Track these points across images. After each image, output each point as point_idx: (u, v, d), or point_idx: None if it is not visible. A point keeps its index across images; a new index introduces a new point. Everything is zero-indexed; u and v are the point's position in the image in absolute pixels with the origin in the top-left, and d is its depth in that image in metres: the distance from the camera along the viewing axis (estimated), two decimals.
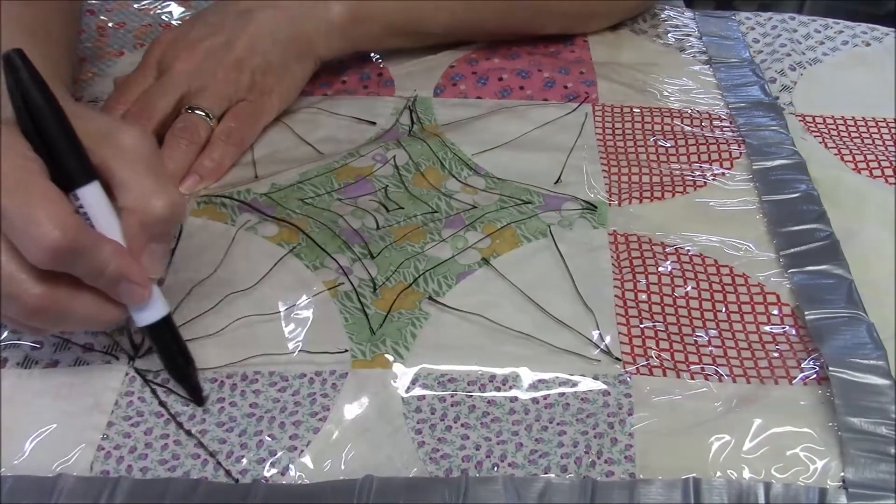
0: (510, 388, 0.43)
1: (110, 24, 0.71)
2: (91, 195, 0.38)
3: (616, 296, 0.48)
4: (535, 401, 0.42)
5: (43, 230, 0.35)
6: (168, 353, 0.42)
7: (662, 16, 0.73)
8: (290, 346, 0.44)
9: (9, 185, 0.35)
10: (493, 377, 0.43)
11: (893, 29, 0.71)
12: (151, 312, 0.40)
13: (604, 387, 0.43)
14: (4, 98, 0.37)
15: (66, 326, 0.41)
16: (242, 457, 0.40)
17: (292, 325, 0.45)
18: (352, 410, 0.42)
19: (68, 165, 0.37)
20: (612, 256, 0.50)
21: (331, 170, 0.55)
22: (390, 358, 0.44)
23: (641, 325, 0.46)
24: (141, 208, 0.38)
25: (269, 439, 0.40)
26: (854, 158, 0.58)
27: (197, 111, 0.55)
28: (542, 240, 0.51)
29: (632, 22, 0.72)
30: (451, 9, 0.64)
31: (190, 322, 0.45)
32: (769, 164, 0.56)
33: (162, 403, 0.42)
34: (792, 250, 0.50)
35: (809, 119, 0.62)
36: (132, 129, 0.39)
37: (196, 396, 0.42)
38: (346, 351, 0.44)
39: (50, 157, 0.37)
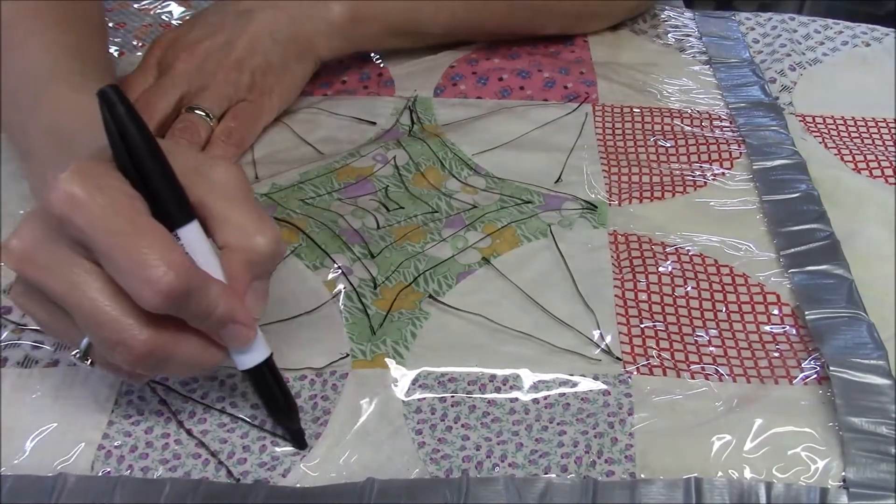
0: (510, 388, 0.43)
1: (110, 24, 0.71)
2: (192, 234, 0.36)
3: (616, 295, 0.48)
4: (535, 401, 0.42)
5: (157, 273, 0.33)
6: (270, 396, 0.40)
7: (662, 16, 0.73)
8: (292, 347, 0.44)
9: (114, 226, 0.33)
10: (493, 377, 0.43)
11: (893, 29, 0.71)
12: (254, 355, 0.38)
13: (604, 387, 0.43)
14: (89, 133, 0.35)
15: (167, 371, 0.39)
16: (244, 458, 0.40)
17: (293, 326, 0.45)
18: (352, 411, 0.42)
19: (168, 204, 0.35)
20: (612, 256, 0.50)
21: (331, 170, 0.55)
22: (390, 359, 0.44)
23: (642, 325, 0.46)
24: (245, 246, 0.37)
25: (271, 441, 0.40)
26: (854, 158, 0.58)
27: (197, 111, 0.55)
28: (543, 239, 0.51)
29: (632, 22, 0.72)
30: (451, 9, 0.64)
31: None
32: (769, 164, 0.56)
33: (162, 402, 0.42)
34: (792, 250, 0.50)
35: (809, 119, 0.62)
36: (224, 164, 0.38)
37: (299, 441, 0.40)
38: (347, 355, 0.44)
39: (149, 195, 0.35)
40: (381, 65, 0.66)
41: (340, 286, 0.47)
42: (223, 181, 0.37)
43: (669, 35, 0.71)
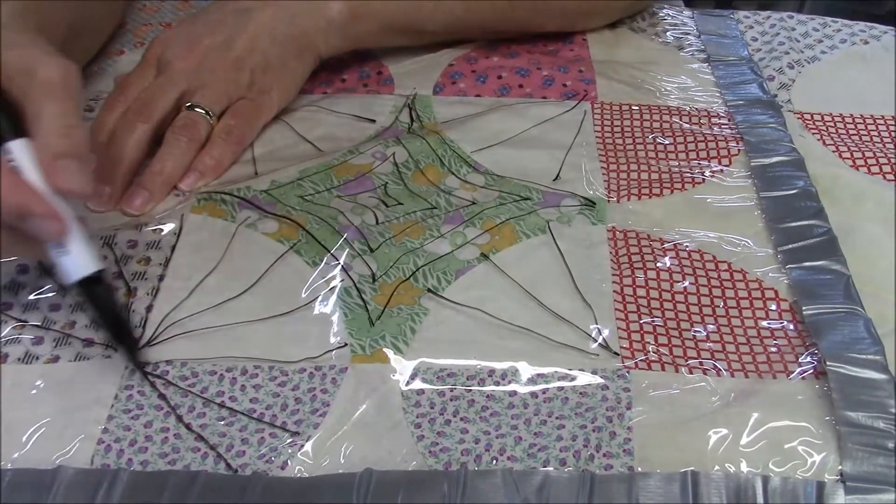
0: (509, 382, 0.43)
1: None
2: (17, 147, 0.41)
3: (615, 291, 0.48)
4: (533, 395, 0.42)
5: None
6: (103, 313, 0.43)
7: (661, 14, 0.73)
8: (291, 343, 0.44)
9: None
10: (492, 371, 0.43)
11: (891, 27, 0.71)
12: (79, 264, 0.42)
13: (602, 381, 0.43)
14: None
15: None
16: (243, 451, 0.40)
17: (292, 322, 0.45)
18: (351, 405, 0.42)
19: None
20: (610, 252, 0.50)
21: (330, 167, 0.55)
22: (390, 353, 0.44)
23: (640, 321, 0.46)
24: (46, 141, 0.41)
25: (269, 434, 0.40)
26: (852, 155, 0.58)
27: (197, 109, 0.55)
28: (542, 236, 0.51)
29: (630, 20, 0.72)
30: (450, 7, 0.64)
31: (190, 318, 0.45)
32: (767, 160, 0.56)
33: (161, 396, 0.42)
34: (790, 246, 0.50)
35: (808, 116, 0.62)
36: (53, 62, 0.42)
37: (136, 363, 0.43)
38: (346, 345, 0.44)
39: None
40: (382, 63, 0.67)
41: (339, 281, 0.47)
42: (44, 79, 0.42)
43: (668, 33, 0.71)
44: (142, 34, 0.70)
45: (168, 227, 0.51)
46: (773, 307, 0.47)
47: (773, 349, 0.45)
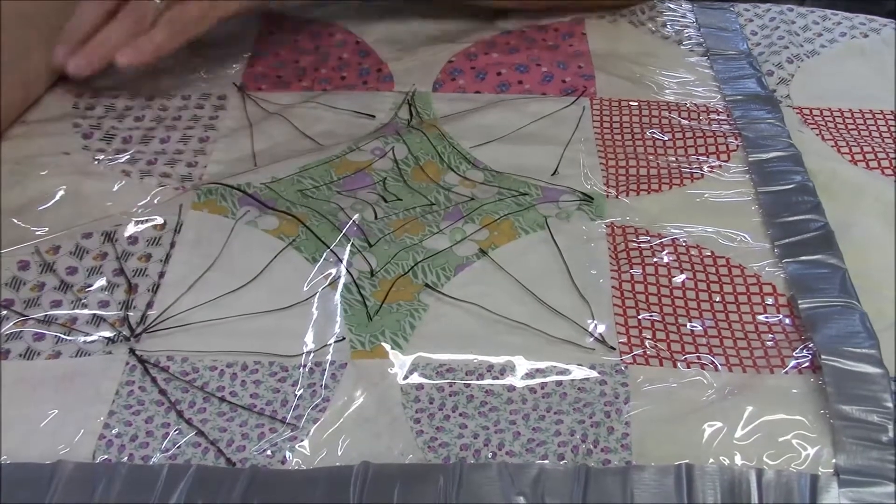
0: (507, 377, 0.43)
1: None
2: None
3: (613, 287, 0.48)
4: (532, 390, 0.43)
5: None
6: None
7: (661, 7, 0.74)
8: (291, 338, 0.45)
9: None
10: (490, 367, 0.44)
11: (891, 20, 0.71)
12: None
13: (600, 376, 0.43)
14: None
15: None
16: (243, 446, 0.40)
17: (292, 317, 0.46)
18: (351, 400, 0.42)
19: None
20: (609, 248, 0.51)
21: (329, 161, 0.56)
22: (388, 348, 0.44)
23: (638, 316, 0.47)
24: None
25: (270, 429, 0.41)
26: (851, 150, 0.58)
27: None
28: (540, 232, 0.51)
29: (630, 14, 0.73)
30: None
31: (190, 313, 0.46)
32: (765, 156, 0.56)
33: (162, 392, 0.42)
34: (786, 240, 0.50)
35: (807, 111, 0.62)
36: None
37: None
38: (344, 339, 0.45)
39: None
40: (381, 60, 0.67)
41: (339, 277, 0.48)
42: None
43: (668, 26, 0.71)
44: None
45: (169, 224, 0.51)
46: (770, 301, 0.47)
47: (770, 343, 0.45)
